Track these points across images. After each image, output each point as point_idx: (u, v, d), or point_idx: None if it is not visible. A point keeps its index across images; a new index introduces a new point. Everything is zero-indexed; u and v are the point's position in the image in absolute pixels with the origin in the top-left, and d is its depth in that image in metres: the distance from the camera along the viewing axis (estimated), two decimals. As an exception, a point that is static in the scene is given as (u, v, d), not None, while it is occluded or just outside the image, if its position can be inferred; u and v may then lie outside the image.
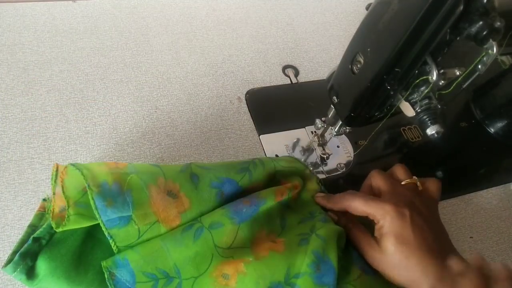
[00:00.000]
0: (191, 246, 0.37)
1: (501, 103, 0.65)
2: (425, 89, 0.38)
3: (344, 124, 0.47)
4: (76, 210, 0.36)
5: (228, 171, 0.43)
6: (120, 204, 0.36)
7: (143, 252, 0.36)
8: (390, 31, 0.35)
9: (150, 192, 0.38)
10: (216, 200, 0.41)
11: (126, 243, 0.36)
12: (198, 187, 0.40)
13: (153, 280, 0.36)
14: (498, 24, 0.32)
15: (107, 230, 0.35)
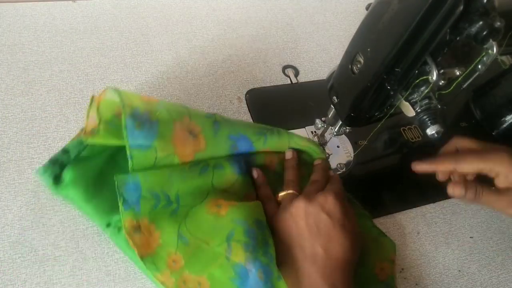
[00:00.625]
0: (194, 180, 0.42)
1: (501, 103, 0.65)
2: (425, 89, 0.38)
3: (344, 124, 0.47)
4: (106, 126, 0.41)
5: (246, 130, 0.47)
6: (147, 130, 0.40)
7: (153, 176, 0.40)
8: (390, 31, 0.35)
9: (174, 126, 0.42)
10: (229, 150, 0.45)
11: (142, 166, 0.40)
12: (217, 134, 0.45)
13: (156, 199, 0.40)
14: (498, 24, 0.32)
15: (130, 149, 0.39)
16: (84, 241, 0.43)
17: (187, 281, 0.39)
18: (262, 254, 0.39)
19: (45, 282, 0.40)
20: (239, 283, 0.38)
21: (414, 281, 0.49)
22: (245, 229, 0.39)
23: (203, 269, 0.39)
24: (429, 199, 0.56)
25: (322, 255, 0.39)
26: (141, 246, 0.38)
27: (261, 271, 0.38)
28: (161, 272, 0.38)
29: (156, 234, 0.39)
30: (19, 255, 0.41)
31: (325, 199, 0.41)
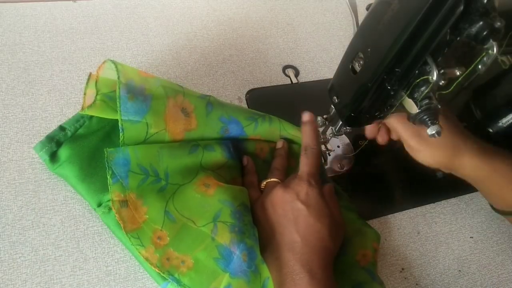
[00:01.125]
0: (184, 158, 0.43)
1: (501, 103, 0.64)
2: (425, 89, 0.38)
3: (344, 124, 0.47)
4: (102, 98, 0.42)
5: (238, 114, 0.47)
6: (139, 103, 0.41)
7: (143, 150, 0.41)
8: (390, 31, 0.35)
9: (168, 103, 0.43)
10: (219, 132, 0.46)
11: (133, 140, 0.41)
12: (209, 116, 0.45)
13: (144, 174, 0.40)
14: (498, 24, 0.32)
15: (121, 121, 0.40)
16: (84, 241, 0.43)
17: (170, 258, 0.39)
18: (248, 237, 0.40)
19: (46, 282, 0.40)
20: (223, 264, 0.39)
21: (414, 281, 0.49)
22: (231, 211, 0.40)
23: (188, 249, 0.39)
24: (429, 199, 0.56)
25: (299, 242, 0.39)
26: (127, 221, 0.38)
27: (245, 253, 0.39)
28: (145, 248, 0.38)
29: (142, 209, 0.40)
30: (19, 255, 0.41)
31: (300, 187, 0.42)
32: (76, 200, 0.45)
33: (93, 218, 0.44)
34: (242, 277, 0.38)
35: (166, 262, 0.38)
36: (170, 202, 0.41)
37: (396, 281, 0.49)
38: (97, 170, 0.43)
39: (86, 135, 0.44)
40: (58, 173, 0.43)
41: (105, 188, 0.41)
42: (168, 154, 0.42)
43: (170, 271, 0.38)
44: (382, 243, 0.51)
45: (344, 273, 0.44)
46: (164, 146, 0.42)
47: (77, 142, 0.43)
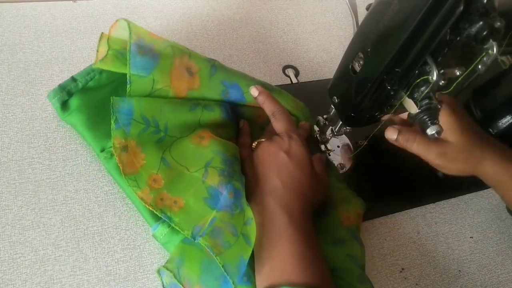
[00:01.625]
0: (183, 114, 0.45)
1: (501, 103, 0.65)
2: (425, 89, 0.38)
3: (344, 124, 0.47)
4: (114, 53, 0.44)
5: (240, 80, 0.50)
6: (148, 58, 0.43)
7: (147, 102, 0.44)
8: (390, 31, 0.35)
9: (174, 61, 0.45)
10: (220, 95, 0.48)
11: (139, 92, 0.44)
12: (212, 78, 0.48)
13: (146, 124, 0.43)
14: (498, 24, 0.32)
15: (130, 74, 0.42)
16: (84, 241, 0.43)
17: (164, 198, 0.41)
18: (236, 180, 0.42)
19: (46, 282, 0.40)
20: (211, 203, 0.41)
21: (414, 281, 0.49)
22: (222, 159, 0.43)
23: (180, 191, 0.42)
24: (429, 199, 0.56)
25: (280, 187, 0.43)
26: (126, 164, 0.41)
27: (231, 192, 0.41)
28: (141, 190, 0.41)
29: (141, 155, 0.42)
30: (19, 255, 0.41)
31: (283, 141, 0.45)
32: (76, 200, 0.45)
33: (93, 218, 0.44)
34: (226, 211, 0.40)
35: (160, 202, 0.41)
36: (167, 151, 0.44)
37: (396, 281, 0.49)
38: (103, 120, 0.45)
39: (96, 88, 0.47)
40: (68, 121, 0.47)
41: (109, 136, 0.43)
42: (170, 109, 0.45)
43: (163, 209, 0.41)
44: (382, 243, 0.51)
45: (326, 231, 0.46)
46: (167, 101, 0.45)
47: (86, 93, 0.46)
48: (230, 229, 0.40)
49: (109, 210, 0.45)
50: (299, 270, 0.38)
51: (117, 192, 0.46)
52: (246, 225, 0.41)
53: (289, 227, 0.40)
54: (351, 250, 0.45)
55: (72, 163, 0.47)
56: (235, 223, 0.40)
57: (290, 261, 0.39)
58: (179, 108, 0.45)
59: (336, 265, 0.44)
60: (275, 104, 0.49)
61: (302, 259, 0.39)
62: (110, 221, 0.44)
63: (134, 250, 0.43)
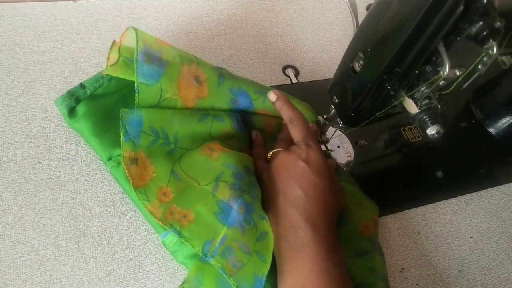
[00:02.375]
0: (193, 125, 0.45)
1: (501, 103, 0.65)
2: (425, 89, 0.38)
3: (344, 124, 0.47)
4: (124, 60, 0.44)
5: (249, 87, 0.49)
6: (155, 67, 0.43)
7: (156, 113, 0.44)
8: (390, 31, 0.35)
9: (182, 70, 0.45)
10: (229, 103, 0.48)
11: (147, 102, 0.44)
12: (220, 86, 0.47)
13: (155, 136, 0.43)
14: (498, 24, 0.32)
15: (137, 83, 0.42)
16: (84, 241, 0.43)
17: (173, 212, 0.41)
18: (247, 194, 0.42)
19: (46, 282, 0.40)
20: (222, 218, 0.41)
21: (414, 281, 0.49)
22: (233, 172, 0.43)
23: (190, 204, 0.41)
24: (429, 199, 0.56)
25: (302, 197, 0.41)
26: (135, 177, 0.41)
27: (242, 207, 0.40)
28: (151, 203, 0.41)
29: (151, 168, 0.42)
30: (19, 255, 0.41)
31: (300, 150, 0.44)
32: (76, 200, 0.45)
33: (93, 218, 0.44)
34: (237, 227, 0.40)
35: (170, 216, 0.40)
36: (177, 163, 0.44)
37: (396, 281, 0.49)
38: (110, 127, 0.45)
39: (104, 95, 0.47)
40: (74, 127, 0.47)
41: (116, 144, 0.44)
42: (179, 120, 0.44)
43: (173, 224, 0.40)
44: (382, 243, 0.51)
45: (347, 242, 0.45)
46: (176, 112, 0.45)
47: (94, 100, 0.46)
48: (242, 247, 0.39)
49: (109, 210, 0.45)
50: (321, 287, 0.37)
51: (117, 192, 0.46)
52: (259, 241, 0.40)
53: (312, 239, 0.39)
54: (373, 264, 0.44)
55: (72, 163, 0.47)
56: (247, 240, 0.39)
57: (312, 277, 0.37)
58: (188, 119, 0.45)
59: (358, 280, 0.43)
60: (293, 110, 0.48)
61: (326, 275, 0.37)
62: (110, 221, 0.44)
63: (134, 250, 0.43)
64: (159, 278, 0.43)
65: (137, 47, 0.42)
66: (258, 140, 0.50)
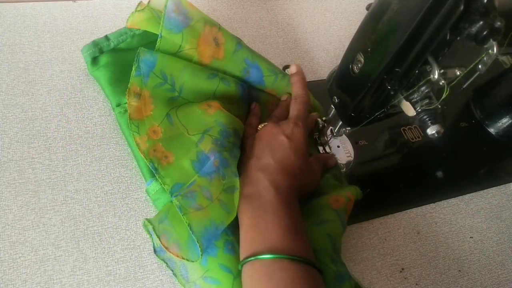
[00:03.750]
0: (201, 81, 0.47)
1: (501, 103, 0.65)
2: (425, 89, 0.38)
3: (344, 124, 0.47)
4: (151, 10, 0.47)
5: (263, 62, 0.51)
6: (181, 18, 0.46)
7: (170, 60, 0.46)
8: (390, 31, 0.35)
9: (204, 28, 0.48)
10: (241, 71, 0.50)
11: (166, 49, 0.47)
12: (236, 53, 0.50)
13: (163, 80, 0.46)
14: (499, 24, 0.32)
15: (162, 28, 0.45)
16: (84, 241, 0.43)
17: (157, 150, 0.44)
18: (227, 151, 0.43)
19: (46, 282, 0.40)
20: (197, 166, 0.43)
21: (414, 281, 0.49)
22: (221, 129, 0.44)
23: (173, 148, 0.44)
24: (429, 199, 0.56)
25: (273, 165, 0.43)
26: (134, 110, 0.45)
27: (217, 160, 0.42)
28: (140, 136, 0.44)
29: (150, 106, 0.45)
30: (19, 255, 0.41)
31: (287, 126, 0.46)
32: (76, 200, 0.45)
33: (93, 218, 0.44)
34: (206, 177, 0.42)
35: (152, 152, 0.43)
36: (174, 109, 0.46)
37: (396, 281, 0.49)
38: (125, 79, 0.46)
39: (125, 50, 0.50)
40: (94, 75, 0.50)
41: (125, 93, 0.45)
42: (190, 73, 0.47)
43: (153, 159, 0.43)
44: (382, 243, 0.51)
45: (313, 213, 0.46)
46: (189, 65, 0.47)
47: (116, 53, 0.49)
48: (205, 193, 0.41)
49: (109, 210, 0.45)
50: (283, 239, 0.38)
51: (117, 192, 0.46)
52: (225, 192, 0.41)
53: (275, 199, 0.41)
54: (332, 230, 0.45)
55: (72, 163, 0.47)
56: (212, 188, 0.41)
57: (274, 230, 0.39)
58: (198, 74, 0.47)
59: (315, 246, 0.43)
60: (304, 89, 0.50)
61: (287, 229, 0.39)
62: (110, 221, 0.44)
63: (134, 250, 0.43)
64: (159, 278, 0.43)
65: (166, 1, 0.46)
66: (255, 110, 0.52)
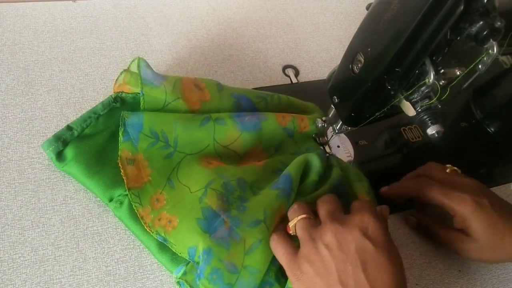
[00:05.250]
0: (195, 130, 0.45)
1: (501, 103, 0.65)
2: (426, 89, 0.38)
3: (344, 124, 0.47)
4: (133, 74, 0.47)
5: (248, 93, 0.50)
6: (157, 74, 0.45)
7: (157, 116, 0.44)
8: (390, 31, 0.35)
9: (182, 78, 0.47)
10: (232, 107, 0.48)
11: (152, 106, 0.45)
12: (221, 92, 0.48)
13: (155, 139, 0.43)
14: (499, 24, 0.32)
15: (142, 85, 0.44)
16: (84, 241, 0.43)
17: (161, 218, 0.41)
18: (234, 208, 0.41)
19: (45, 282, 0.40)
20: (204, 225, 0.40)
21: (414, 281, 0.49)
22: (224, 182, 0.42)
23: (177, 210, 0.41)
24: (429, 199, 0.56)
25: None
26: (131, 178, 0.42)
27: (228, 220, 0.40)
28: (143, 207, 0.41)
29: (147, 170, 0.43)
30: (19, 255, 0.41)
31: (361, 220, 0.34)
32: (76, 200, 0.45)
33: (92, 218, 0.44)
34: (222, 245, 0.39)
35: (157, 222, 0.41)
36: (174, 173, 0.44)
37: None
38: (104, 167, 0.43)
39: (92, 135, 0.45)
40: (66, 171, 0.44)
41: (114, 183, 0.42)
42: (182, 124, 0.44)
43: (158, 230, 0.40)
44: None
45: None
46: (179, 117, 0.45)
47: (83, 141, 0.44)
48: (229, 267, 0.38)
49: (109, 210, 0.45)
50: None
51: (117, 192, 0.46)
52: (248, 254, 0.39)
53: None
54: None
55: (71, 163, 0.47)
56: (233, 257, 0.38)
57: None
58: (190, 124, 0.45)
59: None
60: None
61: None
62: (110, 221, 0.44)
63: (134, 250, 0.43)
64: (159, 278, 0.43)
65: (138, 59, 0.46)
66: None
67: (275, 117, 0.49)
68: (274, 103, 0.51)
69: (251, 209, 0.41)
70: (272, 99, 0.51)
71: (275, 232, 0.39)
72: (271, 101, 0.51)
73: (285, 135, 0.50)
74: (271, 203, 0.42)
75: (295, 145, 0.51)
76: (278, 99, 0.52)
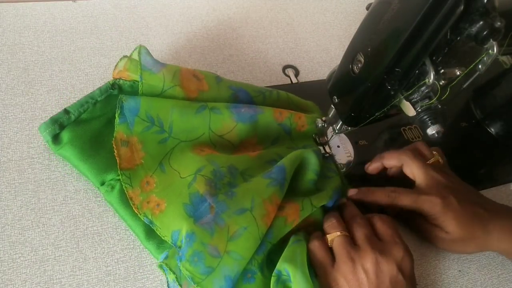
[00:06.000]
0: (191, 117, 0.45)
1: (501, 103, 0.65)
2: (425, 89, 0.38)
3: (344, 124, 0.47)
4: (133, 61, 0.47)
5: (246, 86, 0.51)
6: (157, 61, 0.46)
7: (154, 101, 0.44)
8: (390, 31, 0.35)
9: (181, 69, 0.47)
10: (230, 98, 0.49)
11: (150, 92, 0.45)
12: (219, 84, 0.49)
13: (150, 123, 0.44)
14: (499, 24, 0.32)
15: (141, 71, 0.45)
16: (84, 241, 0.43)
17: (150, 201, 0.42)
18: (222, 192, 0.41)
19: (45, 282, 0.40)
20: (190, 210, 0.40)
21: (414, 281, 0.49)
22: (215, 169, 0.43)
23: (166, 194, 0.42)
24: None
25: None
26: (123, 159, 0.42)
27: (214, 206, 0.40)
28: (133, 189, 0.42)
29: (140, 153, 0.43)
30: (19, 255, 0.41)
31: (398, 254, 0.38)
32: (76, 200, 0.45)
33: (92, 218, 0.44)
34: (206, 229, 0.39)
35: (146, 204, 0.41)
36: (167, 157, 0.44)
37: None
38: (99, 151, 0.44)
39: (89, 120, 0.45)
40: (60, 154, 0.44)
41: (107, 168, 0.43)
42: (178, 111, 0.45)
43: (146, 213, 0.41)
44: (382, 243, 0.51)
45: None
46: (176, 104, 0.45)
47: (79, 126, 0.44)
48: (211, 251, 0.38)
49: (109, 210, 0.45)
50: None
51: (117, 192, 0.46)
52: (232, 241, 0.39)
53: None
54: None
55: (71, 163, 0.47)
56: (217, 243, 0.38)
57: None
58: (186, 111, 0.45)
59: None
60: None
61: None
62: (110, 221, 0.44)
63: (134, 250, 0.43)
64: (159, 278, 0.43)
65: (139, 47, 0.47)
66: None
67: (272, 112, 0.49)
68: (272, 98, 0.51)
69: (239, 195, 0.41)
70: (270, 94, 0.52)
71: (316, 238, 0.42)
72: (270, 96, 0.51)
73: (281, 131, 0.50)
74: (261, 192, 0.41)
75: (292, 142, 0.51)
76: (277, 95, 0.52)
